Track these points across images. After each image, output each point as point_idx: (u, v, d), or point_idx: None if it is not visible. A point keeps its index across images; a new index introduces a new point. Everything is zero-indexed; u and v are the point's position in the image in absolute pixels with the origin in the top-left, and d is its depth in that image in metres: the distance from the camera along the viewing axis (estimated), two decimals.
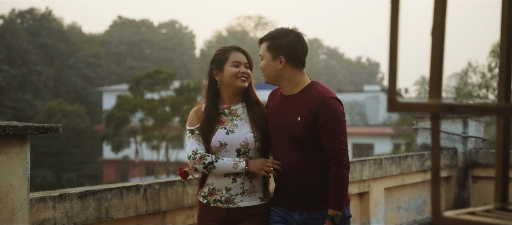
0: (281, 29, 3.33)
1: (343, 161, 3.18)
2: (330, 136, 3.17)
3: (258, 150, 3.38)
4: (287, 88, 3.32)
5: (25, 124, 2.92)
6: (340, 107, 3.24)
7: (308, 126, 3.21)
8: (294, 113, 3.26)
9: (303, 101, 3.24)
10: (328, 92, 3.25)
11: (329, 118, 3.17)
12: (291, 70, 3.28)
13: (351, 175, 5.30)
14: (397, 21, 1.27)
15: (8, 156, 2.91)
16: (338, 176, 3.17)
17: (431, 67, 1.26)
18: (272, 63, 3.30)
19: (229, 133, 3.35)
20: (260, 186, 3.40)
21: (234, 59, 3.42)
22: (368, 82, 67.14)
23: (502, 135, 1.34)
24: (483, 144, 7.06)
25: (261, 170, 3.29)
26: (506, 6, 1.36)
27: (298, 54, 3.28)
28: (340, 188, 3.18)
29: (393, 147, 35.78)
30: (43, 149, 39.82)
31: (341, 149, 3.17)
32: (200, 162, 3.30)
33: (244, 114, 3.43)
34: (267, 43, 3.32)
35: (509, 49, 1.35)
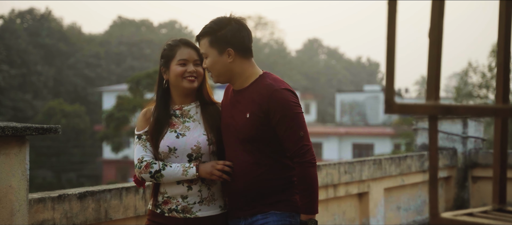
0: (220, 19, 2.97)
1: (307, 158, 2.87)
2: (288, 133, 2.86)
3: (213, 154, 3.04)
4: (238, 82, 2.99)
5: (24, 125, 2.92)
6: (293, 98, 2.92)
7: (259, 124, 2.89)
8: (243, 110, 2.95)
9: (252, 96, 2.93)
10: (278, 84, 2.92)
11: (282, 114, 2.85)
12: (241, 62, 2.96)
13: (351, 175, 5.30)
14: (394, 22, 1.27)
15: (7, 157, 2.91)
16: (304, 175, 2.88)
17: (429, 68, 1.26)
18: (220, 58, 2.94)
19: (179, 137, 3.02)
20: (220, 194, 3.08)
21: (180, 57, 3.04)
22: (368, 82, 67.11)
23: (500, 137, 1.34)
24: (482, 144, 7.06)
25: (211, 174, 2.96)
26: (504, 6, 1.36)
27: (245, 43, 2.96)
28: (309, 189, 2.89)
29: (393, 147, 35.77)
30: (43, 149, 39.82)
31: (302, 145, 2.86)
32: (146, 171, 2.98)
33: (197, 114, 3.09)
34: (209, 38, 2.94)
35: (507, 50, 1.35)
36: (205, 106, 3.11)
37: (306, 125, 2.92)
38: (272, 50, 75.29)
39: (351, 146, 40.37)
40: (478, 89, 27.50)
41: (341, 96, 49.38)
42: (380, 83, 67.61)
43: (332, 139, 40.82)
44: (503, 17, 1.35)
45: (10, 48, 44.70)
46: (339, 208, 5.40)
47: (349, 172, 5.28)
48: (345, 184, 5.31)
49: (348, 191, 5.38)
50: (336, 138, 40.69)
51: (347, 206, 5.51)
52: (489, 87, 26.52)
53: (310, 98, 56.84)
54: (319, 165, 4.98)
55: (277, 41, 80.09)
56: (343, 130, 41.03)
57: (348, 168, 5.27)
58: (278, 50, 75.59)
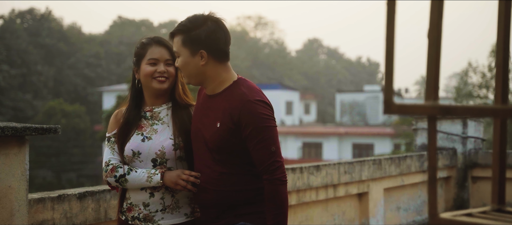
0: (196, 17, 2.78)
1: (277, 175, 2.66)
2: (258, 147, 2.66)
3: (180, 160, 2.88)
4: (211, 87, 2.81)
5: (24, 125, 2.93)
6: (267, 111, 2.72)
7: (229, 135, 2.70)
8: (214, 118, 2.76)
9: (224, 105, 2.74)
10: (252, 94, 2.73)
11: (253, 127, 2.66)
12: (215, 66, 2.76)
13: (350, 175, 5.30)
14: (393, 22, 1.27)
15: (6, 157, 2.91)
16: (273, 194, 2.66)
17: (428, 69, 1.26)
18: (192, 59, 2.75)
19: (145, 140, 2.87)
20: (186, 201, 2.91)
21: (151, 56, 2.89)
22: (368, 82, 67.15)
23: (499, 137, 1.34)
24: (482, 144, 7.06)
25: (176, 183, 2.80)
26: (503, 6, 1.36)
27: (220, 45, 2.76)
28: (278, 209, 2.66)
29: (393, 147, 35.77)
30: (43, 149, 39.82)
31: (273, 161, 2.66)
32: (111, 175, 2.86)
33: (167, 117, 2.93)
34: (182, 37, 2.76)
35: (506, 50, 1.35)
36: (177, 108, 2.94)
37: (278, 141, 2.73)
38: (272, 50, 75.29)
39: (351, 146, 40.37)
40: (478, 89, 27.51)
41: (341, 96, 49.40)
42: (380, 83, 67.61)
43: (332, 139, 40.82)
44: (502, 18, 1.35)
45: (10, 48, 44.70)
46: (338, 208, 5.40)
47: (349, 172, 5.28)
48: (345, 184, 5.31)
49: (348, 191, 5.38)
50: (336, 138, 40.69)
51: (347, 206, 5.51)
52: (489, 87, 26.53)
53: (310, 98, 56.83)
54: (319, 165, 4.98)
55: (277, 41, 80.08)
56: (343, 130, 41.03)
57: (348, 168, 5.27)
58: (278, 50, 75.59)
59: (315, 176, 4.88)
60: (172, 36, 2.82)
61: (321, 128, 44.08)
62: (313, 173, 4.86)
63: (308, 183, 4.81)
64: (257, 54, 70.74)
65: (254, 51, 71.28)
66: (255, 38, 78.87)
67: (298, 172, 4.70)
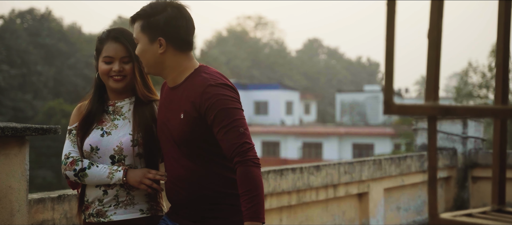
0: (157, 3, 2.63)
1: (249, 156, 2.46)
2: (225, 130, 2.46)
3: (139, 157, 2.74)
4: (171, 77, 2.65)
5: (24, 125, 2.93)
6: (231, 93, 2.54)
7: (195, 125, 2.54)
8: (177, 110, 2.60)
9: (186, 94, 2.58)
10: (215, 78, 2.56)
11: (218, 110, 2.48)
12: (174, 55, 2.61)
13: (351, 175, 5.30)
14: (393, 22, 1.27)
15: (7, 158, 2.91)
16: (247, 176, 2.44)
17: (428, 69, 1.26)
18: (150, 47, 2.60)
19: (104, 135, 2.75)
20: (142, 197, 2.76)
21: (106, 53, 2.75)
22: (368, 82, 67.16)
23: (499, 137, 1.34)
24: (482, 144, 7.06)
25: (140, 183, 2.67)
26: (503, 6, 1.36)
27: (181, 33, 2.60)
28: (253, 192, 2.44)
29: (394, 147, 35.77)
30: (43, 149, 39.82)
31: (243, 143, 2.46)
32: (71, 168, 2.73)
33: (129, 112, 2.80)
34: (141, 22, 2.62)
35: (506, 50, 1.35)
36: (139, 103, 2.80)
37: (246, 124, 2.53)
38: (272, 50, 75.30)
39: (351, 146, 40.37)
40: (478, 89, 27.51)
41: (341, 96, 49.41)
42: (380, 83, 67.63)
43: (332, 139, 40.82)
44: (502, 17, 1.35)
45: (10, 48, 44.72)
46: (339, 208, 5.40)
47: (349, 172, 5.28)
48: (345, 184, 5.31)
49: (348, 191, 5.38)
50: (336, 138, 40.69)
51: (347, 206, 5.51)
52: (489, 87, 26.53)
53: (310, 98, 56.84)
54: (319, 165, 4.98)
55: (277, 41, 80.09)
56: (343, 130, 41.03)
57: (348, 168, 5.27)
58: (278, 50, 75.60)
59: (315, 176, 4.88)
60: (133, 21, 2.67)
61: (321, 128, 44.08)
62: (313, 173, 4.86)
63: (308, 183, 4.81)
64: (257, 54, 70.75)
65: (254, 51, 71.29)
66: (255, 38, 78.88)
67: (298, 172, 4.70)
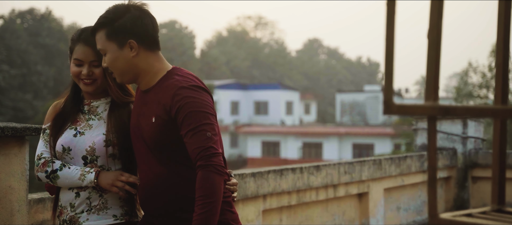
0: (116, 7, 2.52)
1: (212, 161, 2.34)
2: (192, 133, 2.36)
3: (113, 158, 2.63)
4: (144, 81, 2.55)
5: (24, 125, 2.93)
6: (203, 96, 2.44)
7: (166, 129, 2.44)
8: (149, 113, 2.50)
9: (158, 96, 2.48)
10: (187, 80, 2.47)
11: (187, 112, 2.38)
12: (146, 56, 2.51)
13: (351, 175, 5.30)
14: (393, 22, 1.27)
15: (6, 158, 2.91)
16: (205, 181, 2.32)
17: (428, 69, 1.26)
18: (121, 53, 2.48)
19: (77, 135, 2.65)
20: (115, 201, 2.64)
21: (76, 56, 2.66)
22: (368, 82, 67.17)
23: (499, 137, 1.34)
24: (482, 144, 7.06)
25: (112, 185, 2.57)
26: (503, 6, 1.36)
27: (149, 32, 2.52)
28: (208, 198, 2.31)
29: (394, 147, 35.78)
30: None
31: (209, 147, 2.35)
32: (42, 170, 2.63)
33: (105, 112, 2.70)
34: (105, 30, 2.49)
35: (506, 51, 1.35)
36: (116, 103, 2.71)
37: (216, 129, 2.43)
38: (272, 50, 75.31)
39: (351, 146, 40.38)
40: (478, 89, 27.50)
41: (341, 96, 49.41)
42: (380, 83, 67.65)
43: (332, 139, 40.83)
44: (502, 17, 1.35)
45: (10, 48, 44.73)
46: (339, 208, 5.40)
47: (349, 172, 5.28)
48: (345, 184, 5.31)
49: (348, 191, 5.38)
50: (336, 138, 40.70)
51: (347, 206, 5.51)
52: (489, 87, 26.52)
53: (310, 98, 56.85)
54: (319, 165, 4.98)
55: (277, 41, 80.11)
56: (343, 130, 41.04)
57: (348, 168, 5.27)
58: (278, 50, 75.61)
59: (315, 176, 4.88)
60: (93, 33, 2.55)
61: (321, 128, 44.09)
62: (313, 173, 4.86)
63: (308, 183, 4.81)
64: (257, 54, 70.76)
65: (254, 51, 71.29)
66: (255, 38, 78.90)
67: (298, 172, 4.70)
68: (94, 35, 2.55)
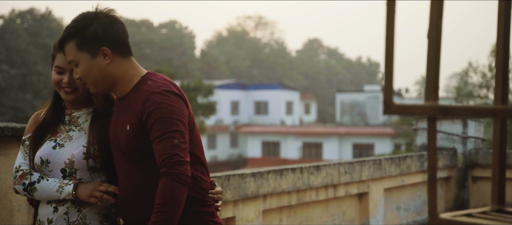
0: (84, 15, 2.44)
1: (176, 170, 2.25)
2: (159, 140, 2.28)
3: (93, 171, 2.54)
4: (120, 89, 2.48)
5: (24, 125, 2.93)
6: (175, 102, 2.36)
7: (140, 136, 2.36)
8: (124, 121, 2.42)
9: (131, 103, 2.41)
10: (160, 85, 2.39)
11: (157, 118, 2.30)
12: (120, 63, 2.44)
13: (351, 175, 5.30)
14: (393, 22, 1.27)
15: (6, 158, 2.91)
16: (165, 189, 2.25)
17: (428, 69, 1.26)
18: (94, 62, 2.40)
19: (56, 147, 2.55)
20: (95, 217, 2.53)
21: (57, 63, 2.59)
22: (369, 82, 67.19)
23: (499, 137, 1.34)
24: (482, 144, 7.06)
25: (90, 196, 2.47)
26: (503, 6, 1.36)
27: (121, 37, 2.44)
28: (165, 207, 2.24)
29: (394, 147, 35.78)
30: None
31: (175, 154, 2.26)
32: (20, 182, 2.53)
33: (86, 123, 2.62)
34: (75, 40, 2.41)
35: (506, 51, 1.35)
36: (98, 113, 2.63)
37: (185, 137, 2.33)
38: (272, 50, 75.33)
39: (351, 146, 40.38)
40: (479, 89, 27.50)
41: (341, 96, 49.41)
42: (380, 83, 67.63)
43: (332, 139, 40.83)
44: (502, 17, 1.35)
45: (10, 48, 44.74)
46: (339, 208, 5.40)
47: (349, 172, 5.28)
48: (345, 184, 5.31)
49: (348, 191, 5.38)
50: (336, 138, 40.70)
51: (347, 206, 5.51)
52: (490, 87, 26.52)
53: (310, 98, 56.86)
54: (319, 165, 4.98)
55: (277, 41, 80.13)
56: (343, 130, 41.04)
57: (348, 168, 5.27)
58: (278, 50, 75.63)
59: (315, 176, 4.88)
60: (62, 45, 2.47)
61: (321, 128, 44.09)
62: (313, 173, 4.86)
63: (308, 183, 4.81)
64: (257, 54, 70.76)
65: (254, 51, 71.29)
66: (255, 38, 78.91)
67: (298, 172, 4.70)
68: (62, 47, 2.46)
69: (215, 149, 45.05)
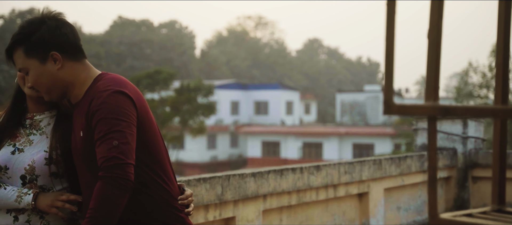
0: (30, 21, 2.33)
1: (112, 173, 2.12)
2: (100, 142, 2.17)
3: (55, 177, 2.39)
4: (74, 94, 2.36)
5: None
6: (119, 101, 2.22)
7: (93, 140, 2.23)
8: (78, 127, 2.31)
9: (82, 107, 2.30)
10: (111, 85, 2.26)
11: (99, 119, 2.19)
12: (72, 67, 2.32)
13: (351, 175, 5.30)
14: (393, 22, 1.27)
15: None
16: (99, 194, 2.12)
17: (428, 69, 1.26)
18: (44, 68, 2.29)
19: (16, 153, 2.39)
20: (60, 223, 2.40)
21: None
22: (369, 82, 67.21)
23: (499, 138, 1.34)
24: (483, 144, 7.06)
25: (51, 207, 2.32)
26: (503, 6, 1.36)
27: (71, 40, 2.32)
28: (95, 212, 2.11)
29: (394, 147, 35.79)
30: None
31: (112, 157, 2.13)
32: None
33: (49, 127, 2.46)
34: (23, 47, 2.30)
35: (506, 51, 1.35)
36: (62, 116, 2.48)
37: (127, 137, 2.18)
38: (272, 50, 75.35)
39: (351, 146, 40.38)
40: (479, 89, 27.51)
41: (341, 96, 49.42)
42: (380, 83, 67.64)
43: (332, 139, 40.83)
44: (502, 17, 1.35)
45: None
46: (339, 208, 5.40)
47: (349, 172, 5.28)
48: (345, 184, 5.31)
49: (348, 191, 5.38)
50: (336, 138, 40.71)
51: (347, 206, 5.51)
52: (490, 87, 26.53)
53: (310, 98, 56.87)
54: (319, 165, 4.98)
55: (277, 41, 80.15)
56: (343, 130, 41.04)
57: (348, 168, 5.27)
58: (278, 50, 75.65)
59: (315, 176, 4.88)
60: (9, 54, 2.35)
61: (321, 128, 44.09)
62: (313, 173, 4.86)
63: (308, 183, 4.81)
64: (257, 54, 70.78)
65: (254, 51, 71.31)
66: (255, 38, 78.92)
67: (298, 172, 4.70)
68: (11, 57, 2.35)
69: (215, 149, 45.06)
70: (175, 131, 31.89)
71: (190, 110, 31.09)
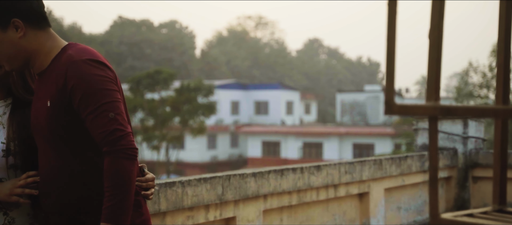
0: None
1: (120, 146, 2.08)
2: (92, 116, 2.09)
3: (14, 169, 2.26)
4: (37, 64, 2.24)
5: None
6: (100, 71, 2.15)
7: (62, 112, 2.14)
8: (43, 98, 2.20)
9: (51, 77, 2.18)
10: (82, 54, 2.16)
11: (83, 92, 2.10)
12: (35, 35, 2.21)
13: (351, 175, 5.30)
14: (395, 22, 1.27)
15: None
16: (113, 169, 2.07)
17: (429, 69, 1.26)
18: (5, 36, 2.18)
19: None
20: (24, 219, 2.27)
21: None
22: (369, 82, 67.22)
23: (500, 137, 1.34)
24: (483, 144, 7.06)
25: (10, 195, 2.20)
26: (504, 6, 1.36)
27: (34, 8, 2.20)
28: (116, 188, 2.07)
29: (394, 147, 35.79)
30: None
31: (113, 130, 2.08)
32: None
33: (4, 116, 2.32)
34: None
35: (507, 51, 1.35)
36: (18, 105, 2.34)
37: (120, 106, 2.15)
38: (272, 50, 75.36)
39: (352, 146, 40.38)
40: (479, 89, 27.51)
41: (341, 96, 49.43)
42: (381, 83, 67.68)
43: (332, 139, 40.83)
44: (503, 18, 1.35)
45: None
46: (339, 208, 5.40)
47: (350, 172, 5.28)
48: (345, 184, 5.31)
49: (348, 191, 5.38)
50: (336, 138, 40.70)
51: (348, 206, 5.51)
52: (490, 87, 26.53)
53: (311, 98, 56.86)
54: (320, 165, 4.98)
55: (277, 41, 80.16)
56: (343, 130, 41.04)
57: (349, 168, 5.27)
58: (279, 50, 75.66)
59: (315, 176, 4.88)
60: None
61: (321, 128, 44.09)
62: (314, 173, 4.86)
63: (309, 183, 4.81)
64: (258, 54, 70.79)
65: (254, 51, 71.32)
66: (255, 38, 78.94)
67: (298, 172, 4.70)
68: None
69: (215, 149, 45.06)
70: (175, 131, 31.90)
71: (190, 110, 31.10)
